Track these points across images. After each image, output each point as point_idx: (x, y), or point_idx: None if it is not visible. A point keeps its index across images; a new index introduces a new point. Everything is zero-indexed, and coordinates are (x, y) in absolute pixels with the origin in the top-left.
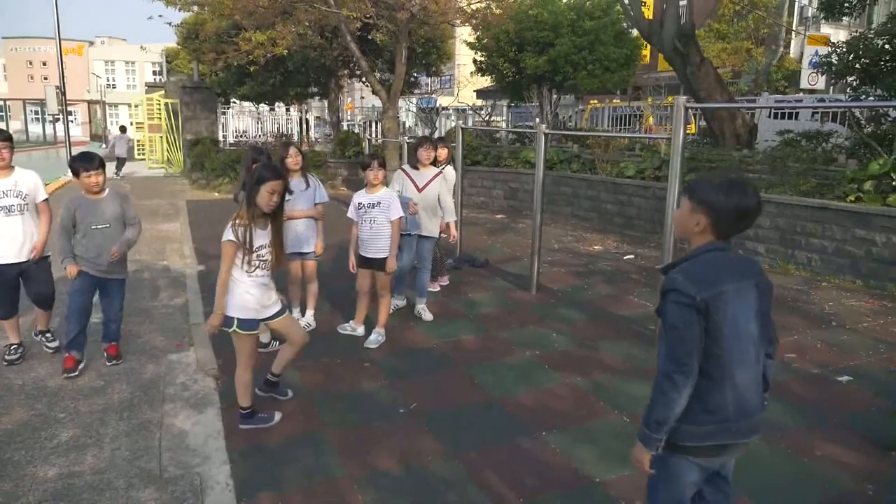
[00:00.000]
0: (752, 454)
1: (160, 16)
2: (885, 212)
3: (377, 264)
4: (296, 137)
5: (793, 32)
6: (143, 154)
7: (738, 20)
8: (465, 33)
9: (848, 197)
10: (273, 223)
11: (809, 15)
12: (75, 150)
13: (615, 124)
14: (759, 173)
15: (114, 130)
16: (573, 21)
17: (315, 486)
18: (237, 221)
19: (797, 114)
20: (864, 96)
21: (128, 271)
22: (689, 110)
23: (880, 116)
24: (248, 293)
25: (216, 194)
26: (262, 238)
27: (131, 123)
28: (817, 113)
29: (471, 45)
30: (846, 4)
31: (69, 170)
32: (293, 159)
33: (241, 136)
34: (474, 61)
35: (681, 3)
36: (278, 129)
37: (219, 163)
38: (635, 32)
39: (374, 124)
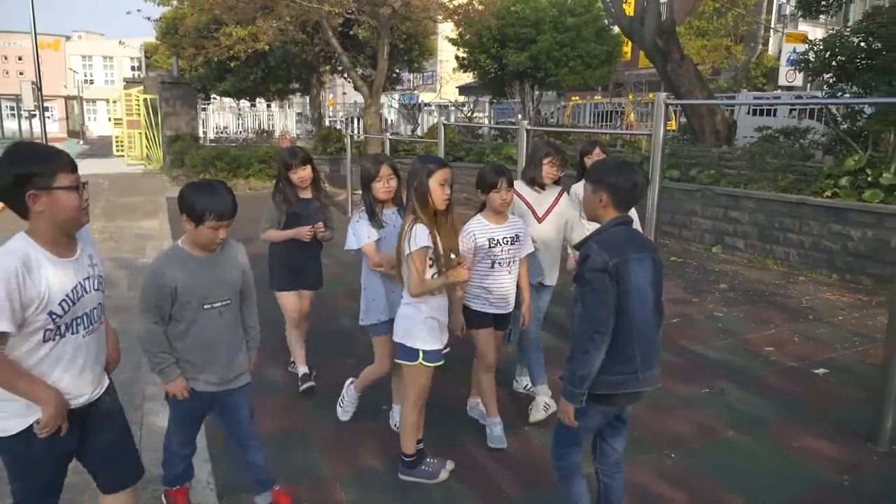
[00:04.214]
0: (734, 446)
1: (139, 10)
2: (860, 207)
3: (503, 320)
4: (278, 132)
5: (771, 30)
6: (122, 150)
7: (717, 17)
8: (447, 29)
9: (825, 192)
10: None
11: (787, 13)
12: (53, 146)
13: (597, 121)
14: (738, 169)
15: (91, 126)
16: (555, 17)
17: (298, 485)
18: (418, 226)
19: (775, 110)
20: (840, 93)
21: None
22: (670, 107)
23: (856, 113)
24: (432, 317)
25: None
26: (440, 243)
27: (109, 119)
28: (795, 109)
29: (453, 42)
30: (823, 3)
31: (181, 204)
32: (385, 185)
33: (222, 133)
34: (456, 57)
35: (661, 1)
36: (259, 125)
37: (199, 159)
38: (616, 29)
39: (356, 120)
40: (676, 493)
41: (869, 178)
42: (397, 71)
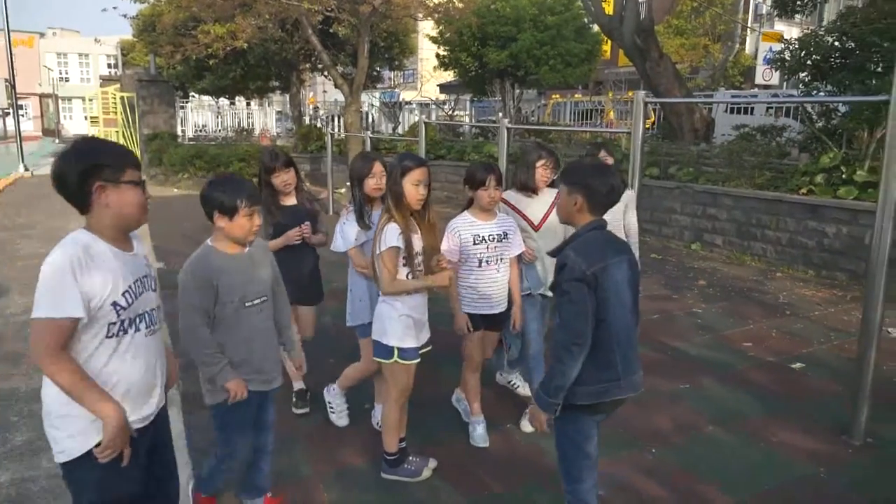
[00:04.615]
0: (714, 441)
1: (115, 7)
2: (835, 203)
3: (496, 322)
4: (258, 130)
5: (748, 29)
6: None
7: (695, 16)
8: (427, 27)
9: (800, 189)
10: (423, 221)
11: (764, 12)
12: (27, 145)
13: (577, 119)
14: (716, 166)
15: (67, 125)
16: (535, 16)
17: (280, 485)
18: (390, 225)
19: (752, 108)
20: (815, 92)
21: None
22: (649, 105)
23: (830, 111)
24: (407, 315)
25: (175, 190)
26: (418, 242)
27: (86, 118)
28: (771, 108)
29: (433, 40)
30: (798, 2)
31: (208, 203)
32: (378, 182)
33: (201, 131)
34: (437, 56)
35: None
36: (239, 123)
37: (177, 158)
38: (596, 28)
39: (336, 118)
40: (657, 488)
41: (843, 176)
42: (378, 69)
